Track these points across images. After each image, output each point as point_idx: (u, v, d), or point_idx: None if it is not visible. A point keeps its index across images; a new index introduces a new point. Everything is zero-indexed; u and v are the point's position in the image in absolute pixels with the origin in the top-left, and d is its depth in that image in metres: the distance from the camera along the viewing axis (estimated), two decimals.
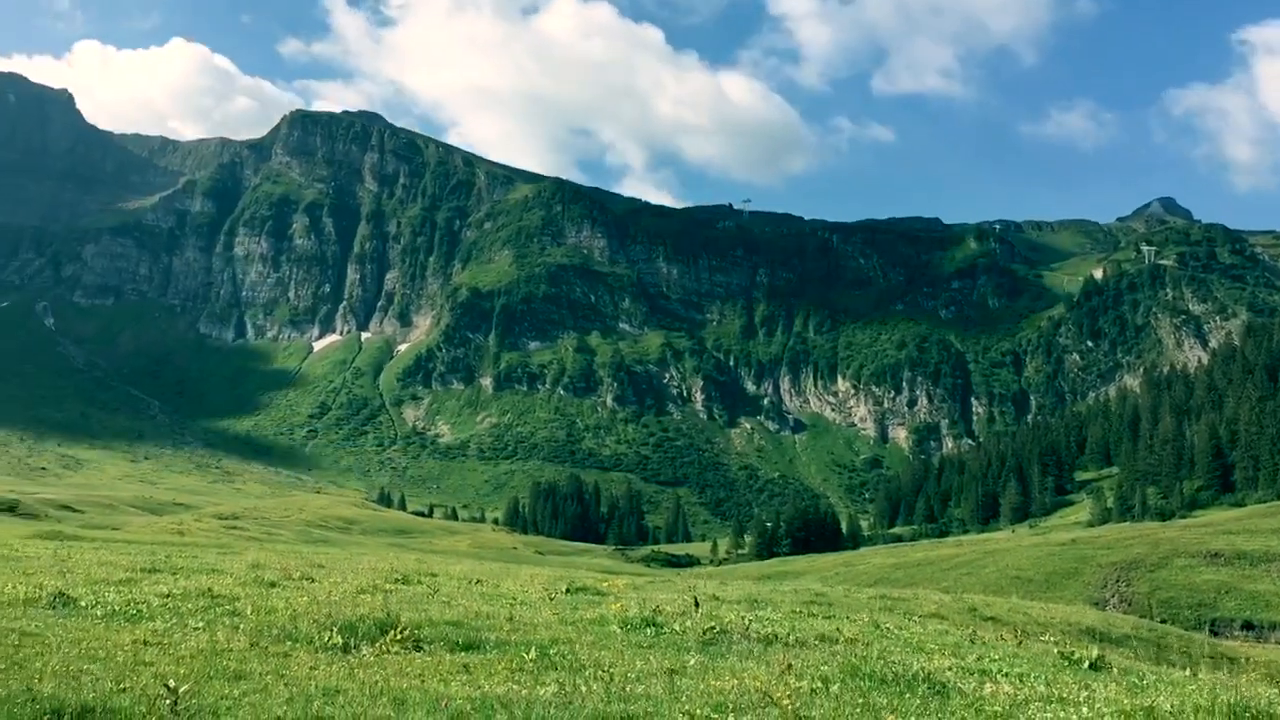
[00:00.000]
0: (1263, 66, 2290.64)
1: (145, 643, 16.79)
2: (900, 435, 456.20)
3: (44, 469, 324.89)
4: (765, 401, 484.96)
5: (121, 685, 13.07)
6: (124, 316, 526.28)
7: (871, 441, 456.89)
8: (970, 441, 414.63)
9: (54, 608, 21.23)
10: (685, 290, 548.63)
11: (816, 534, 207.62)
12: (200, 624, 19.50)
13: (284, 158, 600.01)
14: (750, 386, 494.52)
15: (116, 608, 21.56)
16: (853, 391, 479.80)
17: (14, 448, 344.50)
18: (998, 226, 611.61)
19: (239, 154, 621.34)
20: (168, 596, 24.43)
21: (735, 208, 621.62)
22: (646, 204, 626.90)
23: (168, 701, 11.88)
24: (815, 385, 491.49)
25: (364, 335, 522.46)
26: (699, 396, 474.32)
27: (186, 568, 38.61)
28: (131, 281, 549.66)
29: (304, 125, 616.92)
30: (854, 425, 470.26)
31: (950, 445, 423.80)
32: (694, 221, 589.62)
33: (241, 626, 19.15)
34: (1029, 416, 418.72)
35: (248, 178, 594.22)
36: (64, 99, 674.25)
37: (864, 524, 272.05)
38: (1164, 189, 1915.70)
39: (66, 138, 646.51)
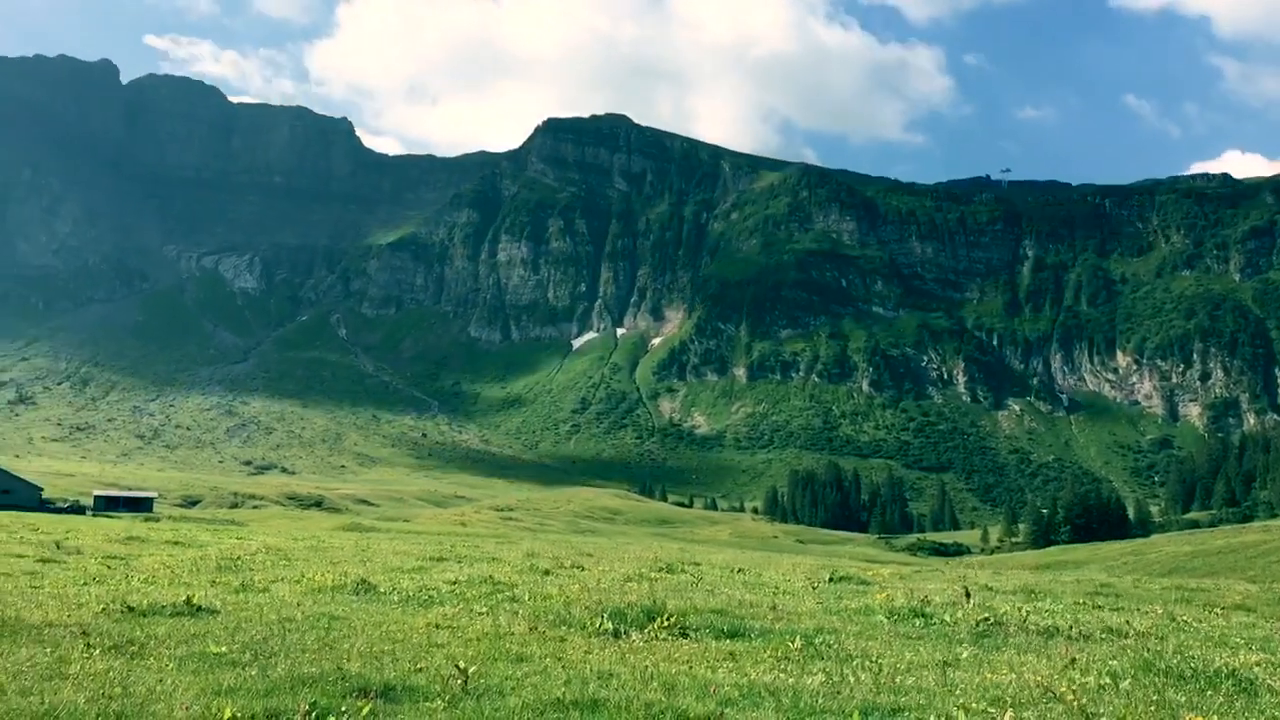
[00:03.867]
0: None
1: (437, 626, 18.15)
2: (1192, 412, 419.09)
3: (343, 466, 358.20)
4: (1034, 381, 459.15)
5: (418, 665, 14.21)
6: (405, 325, 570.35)
7: (1159, 420, 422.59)
8: (1277, 416, 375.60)
9: (357, 594, 23.38)
10: (941, 269, 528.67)
11: (1099, 520, 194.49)
12: (484, 609, 20.85)
13: (538, 165, 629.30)
14: (1017, 366, 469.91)
15: (410, 593, 23.47)
16: (1135, 366, 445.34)
17: (318, 448, 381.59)
18: None
19: (498, 165, 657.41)
20: (454, 583, 26.33)
21: (993, 179, 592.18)
22: (896, 182, 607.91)
23: (459, 681, 12.81)
24: (1091, 361, 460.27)
25: (619, 331, 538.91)
26: (961, 378, 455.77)
27: (469, 556, 41.43)
28: (410, 291, 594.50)
29: (555, 132, 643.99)
30: (1138, 403, 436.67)
31: (1252, 421, 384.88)
32: (948, 196, 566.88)
33: (520, 612, 20.31)
34: None
35: (506, 186, 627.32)
36: (344, 127, 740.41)
37: (1153, 509, 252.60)
38: None
39: (348, 163, 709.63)
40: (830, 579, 33.16)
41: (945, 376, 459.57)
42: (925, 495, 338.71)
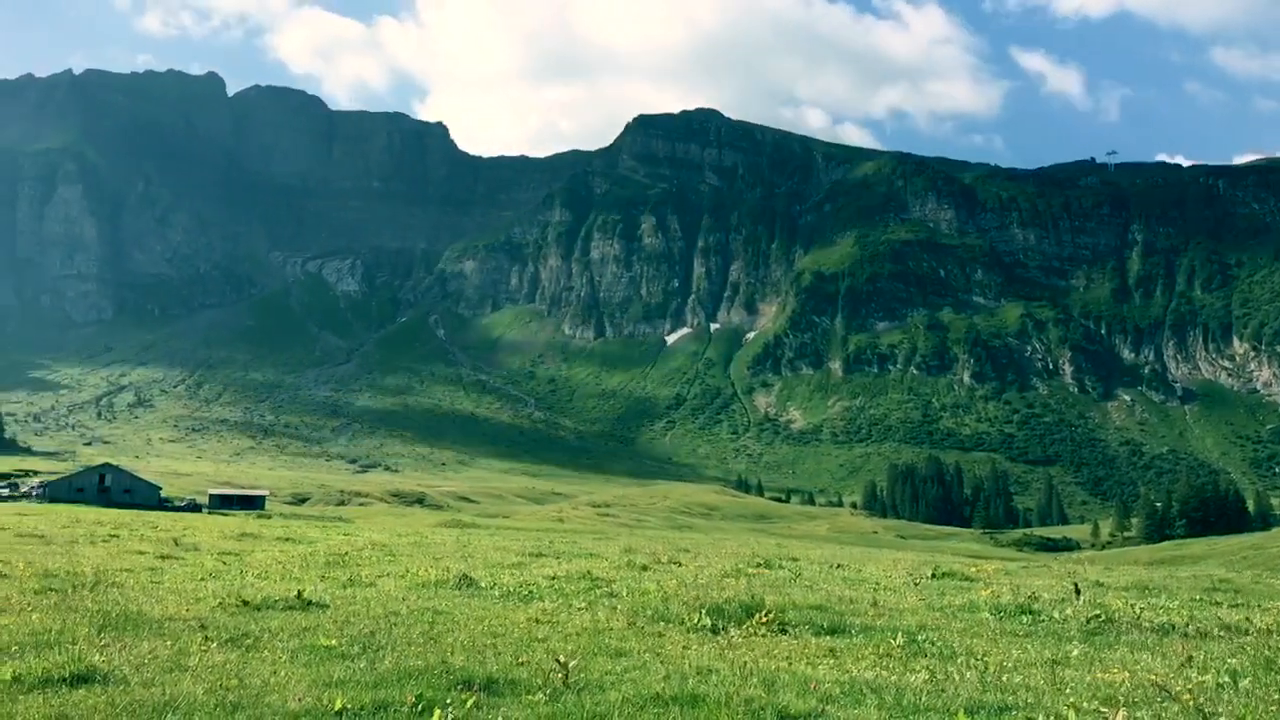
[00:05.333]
0: None
1: (537, 621, 18.40)
2: None
3: (444, 464, 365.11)
4: (1146, 370, 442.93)
5: (520, 659, 14.43)
6: (500, 324, 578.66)
7: (1279, 409, 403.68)
8: None
9: (459, 589, 23.83)
10: (1044, 256, 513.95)
11: (1216, 514, 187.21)
12: (583, 604, 21.05)
13: (629, 162, 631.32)
14: (1127, 355, 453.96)
15: (511, 589, 23.83)
16: (1253, 354, 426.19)
17: (418, 447, 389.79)
18: None
19: (589, 164, 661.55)
20: (553, 579, 26.64)
21: (1098, 162, 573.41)
22: (996, 168, 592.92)
23: (559, 675, 12.98)
24: (1206, 349, 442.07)
25: (713, 326, 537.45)
26: (1067, 368, 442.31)
27: (568, 552, 41.88)
28: (505, 291, 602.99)
29: (645, 129, 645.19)
30: (1256, 391, 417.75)
31: None
32: (1051, 181, 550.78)
33: (619, 607, 20.44)
34: None
35: (598, 184, 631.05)
36: (440, 131, 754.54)
37: (1274, 502, 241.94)
38: None
39: (443, 166, 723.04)
40: (933, 575, 32.56)
41: (1051, 367, 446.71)
42: (1031, 489, 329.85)
